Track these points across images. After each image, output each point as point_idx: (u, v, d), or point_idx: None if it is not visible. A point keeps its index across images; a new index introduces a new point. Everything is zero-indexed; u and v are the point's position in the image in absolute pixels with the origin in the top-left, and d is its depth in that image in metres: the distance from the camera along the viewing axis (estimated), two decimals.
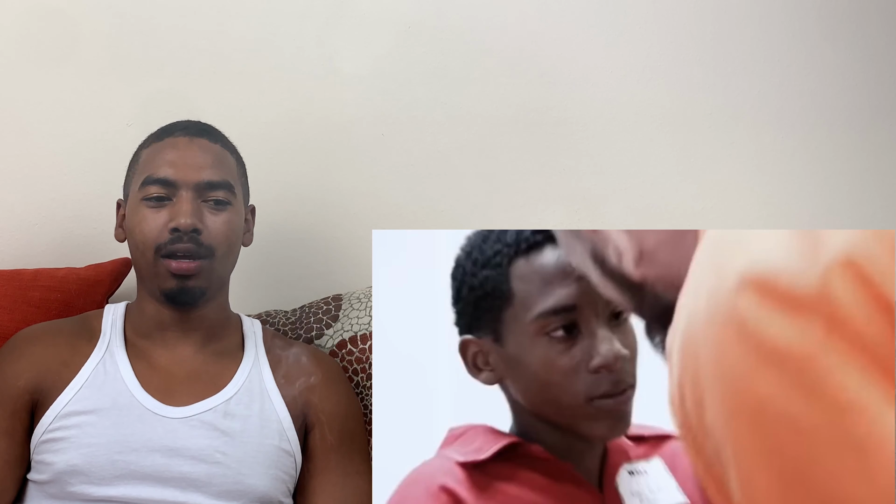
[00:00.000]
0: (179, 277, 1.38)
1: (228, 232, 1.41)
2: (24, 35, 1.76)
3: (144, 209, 1.40)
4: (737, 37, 2.00)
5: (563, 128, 1.94)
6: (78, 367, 1.39)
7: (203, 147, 1.43)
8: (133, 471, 1.32)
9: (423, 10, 1.89)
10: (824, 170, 2.03)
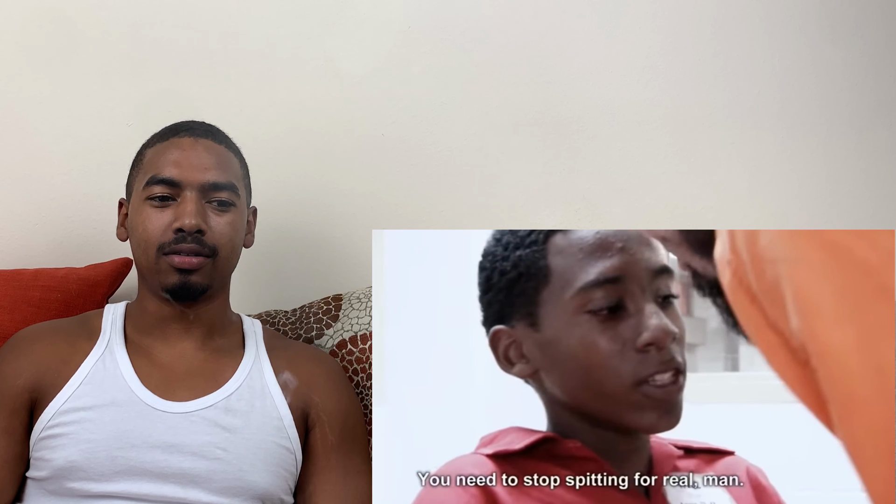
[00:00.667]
0: (182, 272, 1.38)
1: (232, 233, 1.42)
2: (24, 35, 1.76)
3: (148, 208, 1.40)
4: (737, 37, 2.00)
5: (563, 128, 1.94)
6: (77, 364, 1.39)
7: (208, 148, 1.43)
8: (133, 467, 1.32)
9: (423, 10, 1.89)
10: (824, 170, 2.03)
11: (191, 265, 1.38)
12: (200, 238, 1.38)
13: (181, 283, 1.39)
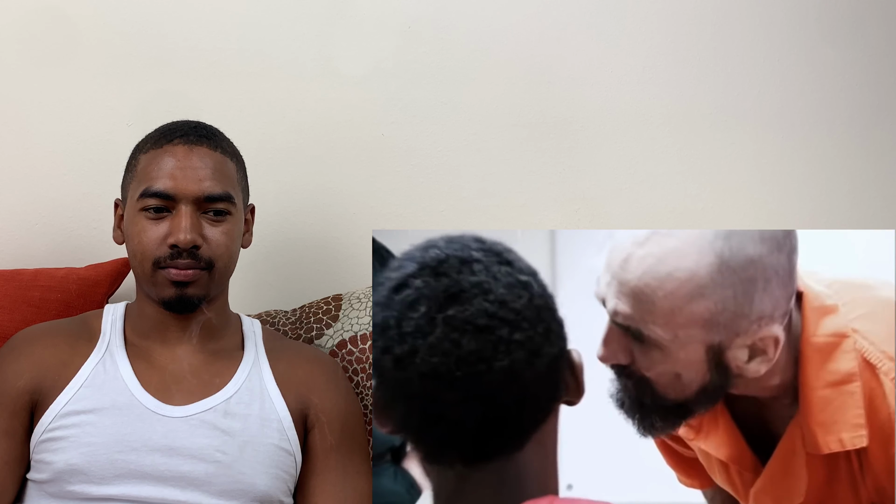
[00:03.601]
0: (178, 285, 1.38)
1: (228, 242, 1.41)
2: (24, 35, 1.76)
3: (143, 220, 1.39)
4: (737, 37, 2.00)
5: (563, 128, 1.94)
6: (77, 366, 1.39)
7: (202, 156, 1.40)
8: (133, 470, 1.32)
9: (423, 10, 1.89)
10: (824, 170, 2.03)
11: (187, 278, 1.38)
12: (196, 252, 1.37)
13: (177, 296, 1.38)
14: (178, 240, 1.36)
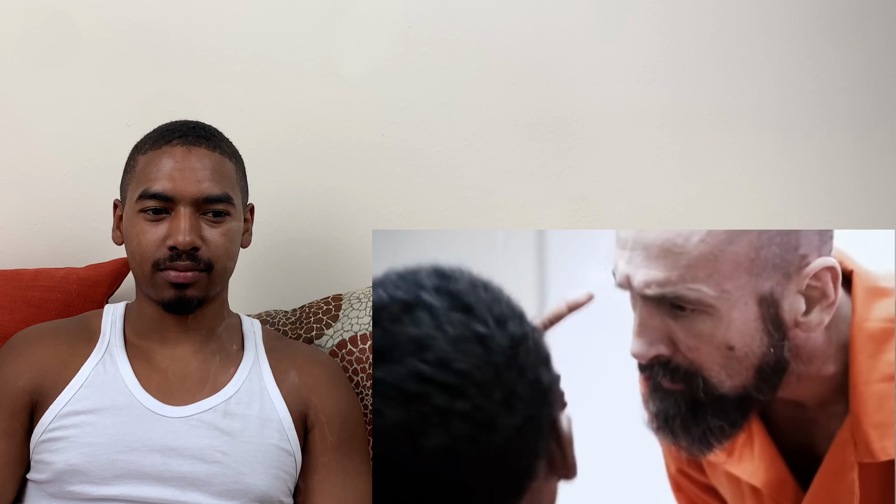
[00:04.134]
0: (177, 287, 1.38)
1: (228, 243, 1.41)
2: (24, 35, 1.76)
3: (142, 222, 1.38)
4: (737, 37, 2.00)
5: (563, 128, 1.94)
6: (77, 366, 1.39)
7: (201, 157, 1.40)
8: (133, 470, 1.33)
9: (423, 10, 1.89)
10: (824, 170, 2.03)
11: (186, 280, 1.37)
12: (195, 254, 1.37)
13: (177, 297, 1.38)
14: (177, 242, 1.36)
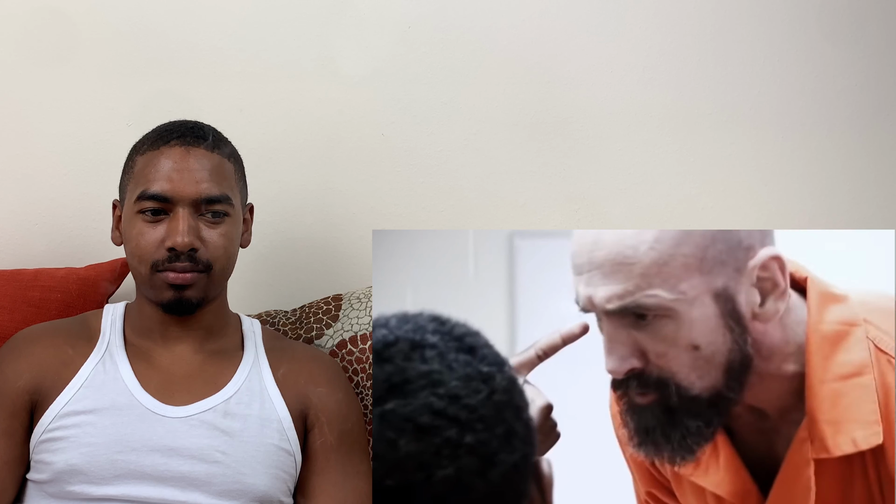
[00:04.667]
0: (176, 288, 1.38)
1: (227, 244, 1.40)
2: (24, 35, 1.76)
3: (141, 223, 1.38)
4: (737, 37, 2.00)
5: (563, 128, 1.94)
6: (77, 367, 1.39)
7: (199, 158, 1.40)
8: (133, 470, 1.33)
9: (423, 10, 1.89)
10: (824, 170, 2.03)
11: (185, 281, 1.37)
12: (194, 255, 1.37)
13: (176, 298, 1.38)
14: (175, 243, 1.36)
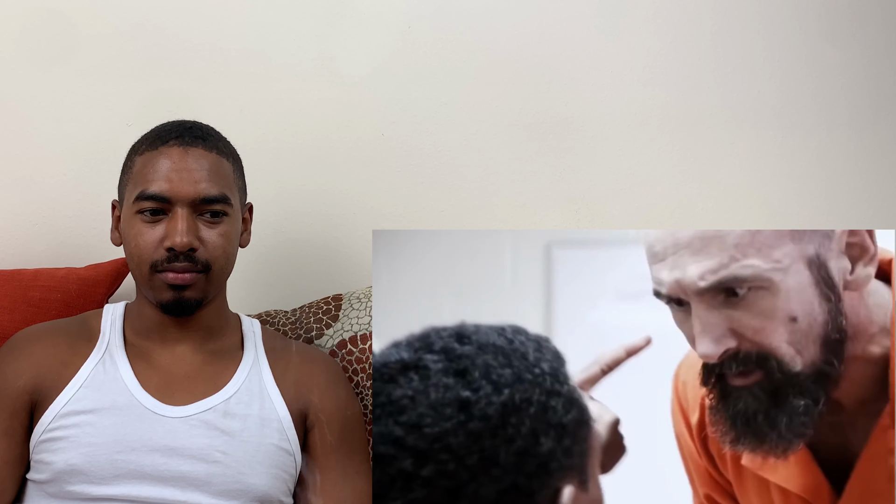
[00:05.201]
0: (175, 289, 1.38)
1: (225, 244, 1.40)
2: (23, 35, 1.76)
3: (139, 223, 1.38)
4: (737, 37, 2.00)
5: (563, 128, 1.94)
6: (77, 366, 1.39)
7: (198, 158, 1.40)
8: (133, 470, 1.33)
9: (423, 10, 1.89)
10: (824, 170, 2.03)
11: (184, 281, 1.37)
12: (192, 255, 1.37)
13: (175, 299, 1.38)
14: (174, 243, 1.36)
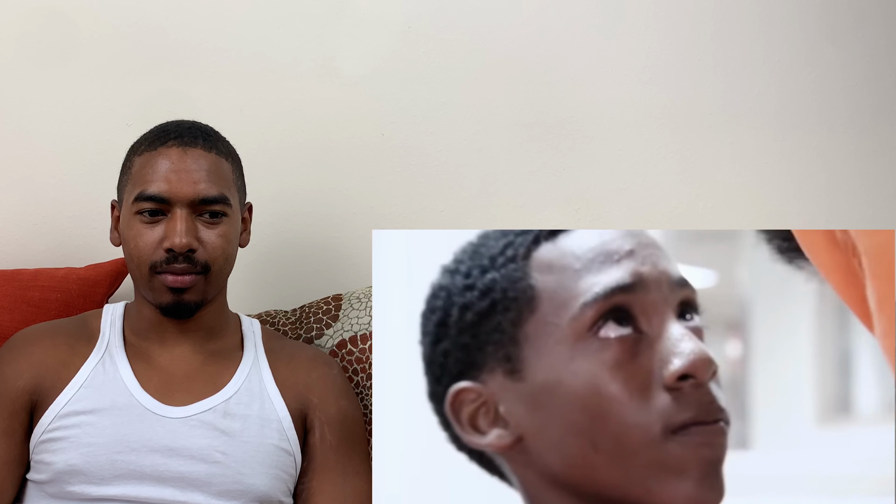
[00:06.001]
0: (175, 291, 1.38)
1: (225, 244, 1.40)
2: (24, 35, 1.76)
3: (138, 224, 1.38)
4: (737, 37, 2.00)
5: (563, 128, 1.94)
6: (77, 367, 1.39)
7: (197, 158, 1.39)
8: (132, 470, 1.33)
9: (423, 10, 1.89)
10: (824, 170, 2.03)
11: (183, 284, 1.37)
12: (192, 256, 1.37)
13: (175, 301, 1.38)
14: (173, 244, 1.36)
